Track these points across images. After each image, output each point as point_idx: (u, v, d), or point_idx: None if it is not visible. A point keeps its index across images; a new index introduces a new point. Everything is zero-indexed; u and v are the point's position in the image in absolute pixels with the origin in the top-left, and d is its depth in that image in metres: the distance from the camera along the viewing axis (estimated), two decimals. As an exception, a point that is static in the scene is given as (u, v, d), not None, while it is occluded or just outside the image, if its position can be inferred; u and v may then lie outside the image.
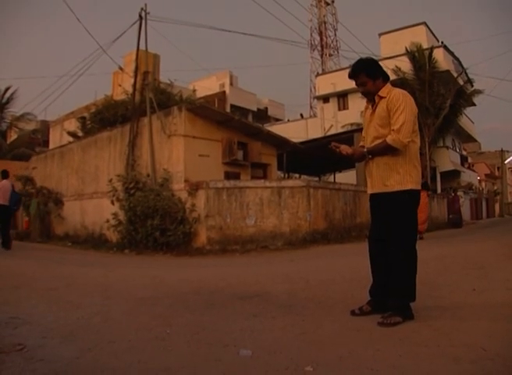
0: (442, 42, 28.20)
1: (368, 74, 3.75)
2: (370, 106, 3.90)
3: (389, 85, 3.82)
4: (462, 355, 2.76)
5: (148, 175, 13.69)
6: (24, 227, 18.66)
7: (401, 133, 3.52)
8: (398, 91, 3.78)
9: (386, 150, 3.63)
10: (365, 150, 3.74)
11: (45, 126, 32.69)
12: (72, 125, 24.25)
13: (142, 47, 15.70)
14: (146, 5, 15.39)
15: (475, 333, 3.17)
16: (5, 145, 29.08)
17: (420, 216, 14.50)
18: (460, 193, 25.26)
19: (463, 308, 3.92)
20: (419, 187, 3.77)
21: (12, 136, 32.21)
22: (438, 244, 11.60)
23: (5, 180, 12.25)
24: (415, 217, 3.78)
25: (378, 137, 3.71)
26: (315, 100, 36.20)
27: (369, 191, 3.90)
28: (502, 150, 49.14)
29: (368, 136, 3.88)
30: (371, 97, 3.83)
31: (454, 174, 28.48)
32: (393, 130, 3.55)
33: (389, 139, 3.56)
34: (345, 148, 3.88)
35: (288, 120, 38.19)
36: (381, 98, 3.74)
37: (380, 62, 4.00)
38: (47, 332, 3.55)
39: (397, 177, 3.64)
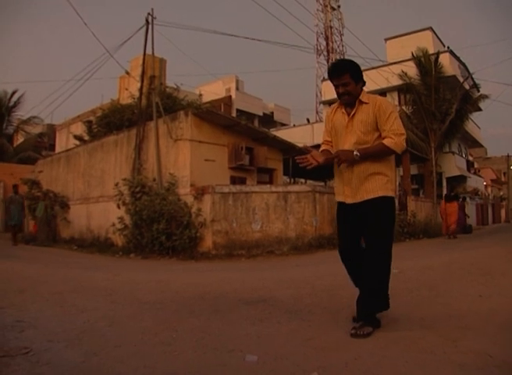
0: (448, 47, 28.13)
1: (352, 75, 3.62)
2: (344, 110, 3.75)
3: (365, 92, 3.76)
4: (468, 361, 2.75)
5: (154, 179, 13.71)
6: (34, 231, 18.65)
7: (403, 137, 3.50)
8: (382, 98, 3.83)
9: (382, 154, 3.57)
10: (356, 152, 3.50)
11: (51, 130, 32.78)
12: (79, 129, 24.30)
13: (149, 51, 15.79)
14: (153, 9, 15.51)
15: (482, 340, 3.16)
16: (11, 149, 29.19)
17: (450, 217, 16.50)
18: (467, 200, 25.15)
19: (469, 315, 3.91)
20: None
21: (19, 139, 32.33)
22: (444, 249, 11.57)
23: None
24: (394, 224, 3.80)
25: (359, 144, 3.58)
26: (321, 105, 36.09)
27: (349, 201, 3.68)
28: (508, 155, 49.06)
29: (343, 142, 3.69)
30: (350, 100, 3.68)
31: (460, 179, 28.39)
32: (394, 133, 3.48)
33: (389, 142, 3.47)
34: (315, 155, 3.63)
35: (294, 125, 38.14)
36: (362, 103, 3.65)
37: (386, 67, 4.00)
38: (52, 336, 3.56)
39: (381, 183, 3.58)
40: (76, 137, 21.24)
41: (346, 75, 3.61)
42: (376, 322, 3.53)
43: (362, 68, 3.89)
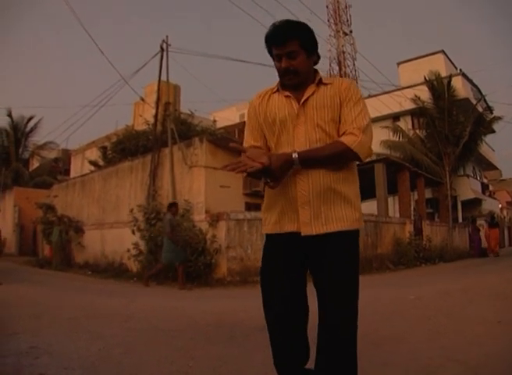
0: (460, 70, 28.19)
1: (302, 44, 2.30)
2: (288, 93, 2.36)
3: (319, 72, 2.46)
4: (491, 391, 2.70)
5: (169, 205, 13.74)
6: (49, 255, 18.68)
7: (368, 136, 2.26)
8: (348, 79, 2.67)
9: (335, 157, 2.22)
10: (295, 155, 2.15)
11: (67, 155, 33.23)
12: (94, 154, 24.60)
13: (163, 78, 15.98)
14: (167, 36, 15.68)
15: (502, 368, 3.10)
16: (26, 173, 29.55)
17: (493, 241, 19.95)
18: (481, 222, 24.98)
19: (488, 342, 3.84)
20: None
21: (34, 164, 32.78)
22: (460, 274, 11.43)
23: None
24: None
25: (322, 140, 2.27)
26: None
27: (307, 231, 2.23)
28: (524, 177, 48.64)
29: (293, 140, 2.28)
30: (296, 81, 2.33)
31: (475, 203, 28.10)
32: (359, 128, 2.23)
33: (349, 140, 2.18)
34: (255, 155, 2.14)
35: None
36: (322, 84, 2.36)
37: (399, 91, 3.46)
38: (68, 363, 3.55)
39: (349, 208, 2.28)
40: (91, 163, 21.48)
41: (294, 41, 2.28)
42: None
43: (375, 93, 3.53)
